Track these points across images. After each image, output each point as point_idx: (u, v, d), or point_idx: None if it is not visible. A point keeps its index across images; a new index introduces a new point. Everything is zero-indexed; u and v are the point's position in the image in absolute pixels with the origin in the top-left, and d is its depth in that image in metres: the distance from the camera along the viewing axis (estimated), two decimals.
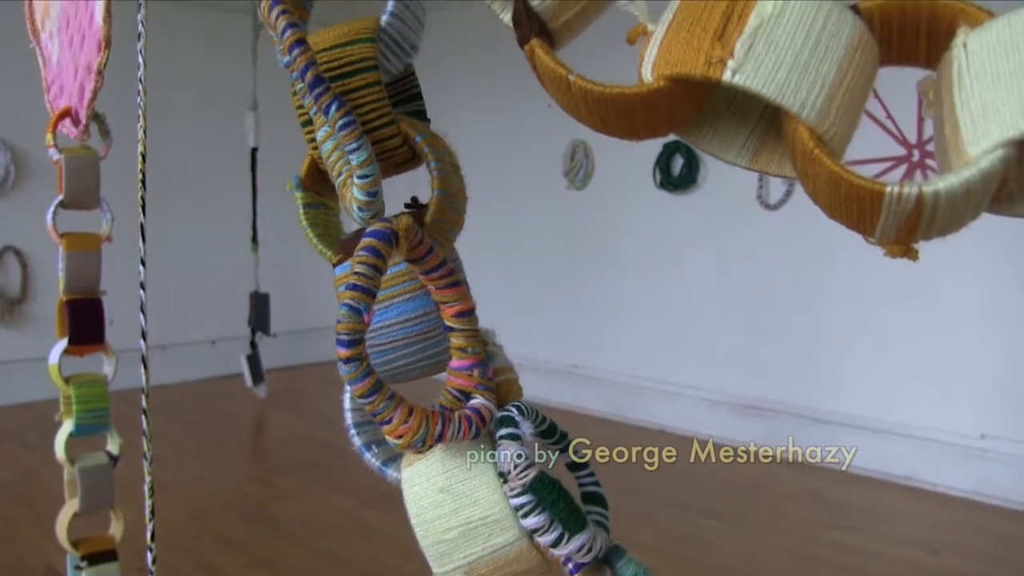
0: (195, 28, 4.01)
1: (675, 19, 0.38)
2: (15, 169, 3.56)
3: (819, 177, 0.37)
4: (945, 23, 0.40)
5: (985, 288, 2.50)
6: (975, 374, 2.55)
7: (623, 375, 3.46)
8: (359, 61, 0.49)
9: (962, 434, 2.59)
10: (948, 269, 2.51)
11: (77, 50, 0.97)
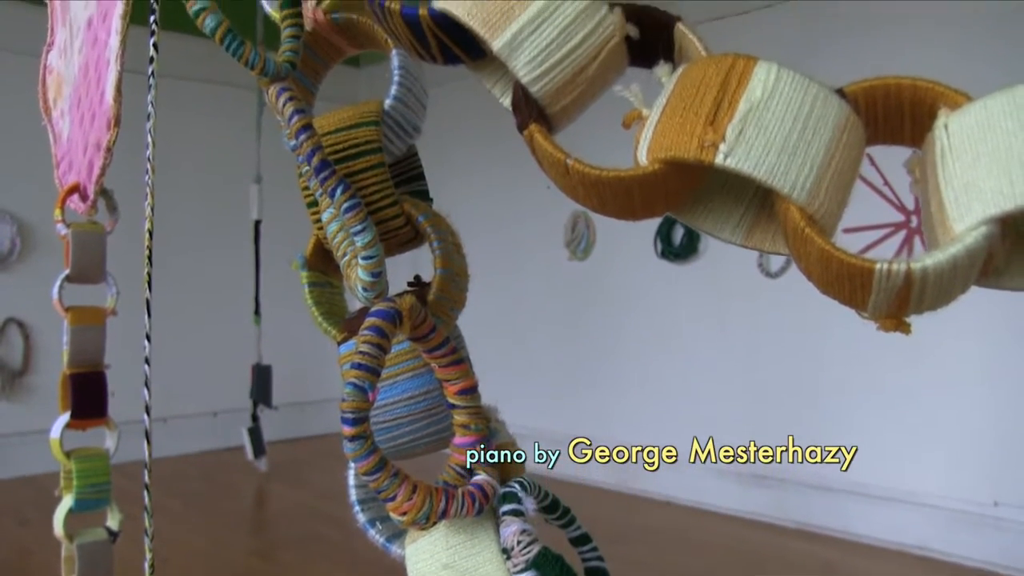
0: (200, 103, 4.07)
1: (668, 104, 0.40)
2: (21, 242, 3.58)
3: (811, 255, 0.38)
4: (927, 105, 0.41)
5: (992, 351, 2.50)
6: (985, 439, 2.53)
7: (630, 445, 3.44)
8: (363, 144, 0.50)
9: (974, 502, 2.56)
10: (952, 332, 2.52)
11: (87, 128, 0.99)
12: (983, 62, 2.44)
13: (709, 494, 3.18)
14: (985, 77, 2.38)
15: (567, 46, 0.41)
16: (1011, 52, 2.42)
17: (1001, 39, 2.43)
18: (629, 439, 3.44)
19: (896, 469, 2.73)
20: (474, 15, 0.41)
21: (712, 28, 3.05)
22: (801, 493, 2.93)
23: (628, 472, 3.43)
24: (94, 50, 1.00)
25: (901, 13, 2.63)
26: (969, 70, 2.42)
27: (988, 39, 2.45)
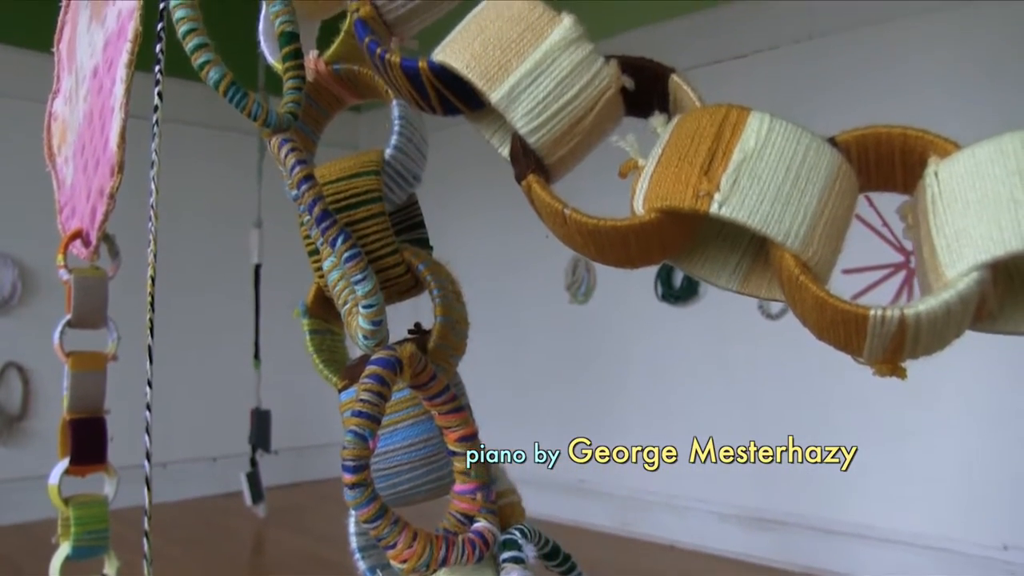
0: (201, 147, 4.09)
1: (664, 154, 0.40)
2: (22, 285, 3.59)
3: (806, 302, 0.39)
4: (917, 153, 0.42)
5: (999, 392, 2.50)
6: (994, 481, 2.52)
7: (630, 489, 3.42)
8: (364, 193, 0.51)
9: (982, 544, 2.54)
10: (958, 372, 2.51)
11: (91, 174, 1.00)
12: (976, 106, 2.47)
13: (712, 538, 3.16)
14: (978, 120, 2.40)
15: (564, 98, 0.42)
16: (1003, 96, 2.44)
17: (993, 83, 2.46)
18: (631, 484, 3.43)
19: (902, 511, 2.71)
20: (472, 67, 0.42)
21: (709, 72, 3.08)
22: (806, 536, 2.90)
23: (630, 516, 3.41)
24: (99, 98, 1.01)
25: (895, 57, 2.66)
26: (962, 113, 2.44)
27: (980, 83, 2.48)
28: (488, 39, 0.43)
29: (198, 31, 0.49)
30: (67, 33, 1.11)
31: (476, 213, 3.97)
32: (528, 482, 0.51)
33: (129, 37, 0.90)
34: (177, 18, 0.49)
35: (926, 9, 2.60)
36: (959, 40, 2.53)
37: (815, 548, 2.87)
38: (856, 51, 2.75)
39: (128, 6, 0.91)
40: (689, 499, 3.25)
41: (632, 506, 3.41)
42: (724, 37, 3.10)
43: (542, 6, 0.44)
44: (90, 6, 1.02)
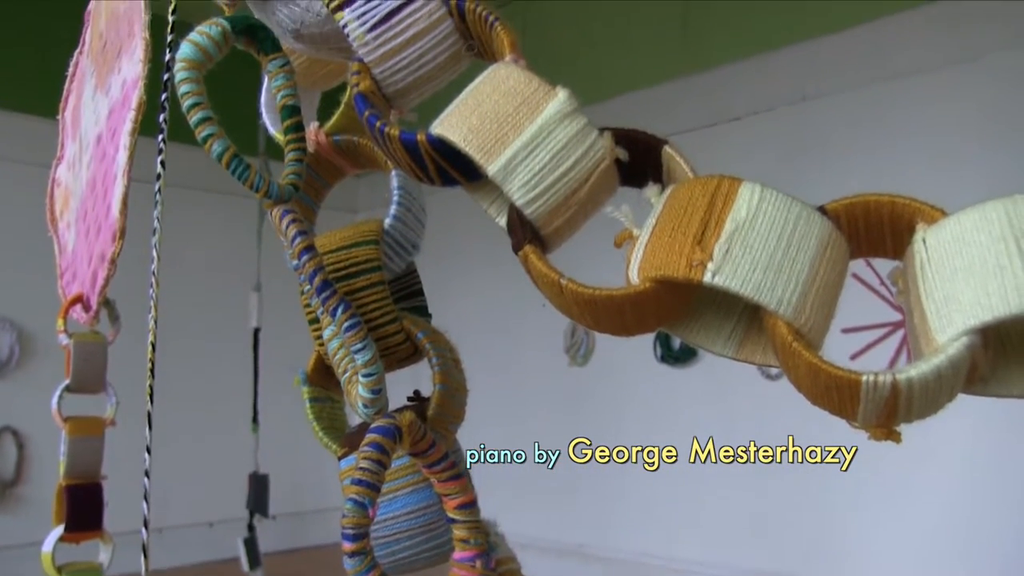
0: (200, 210, 4.11)
1: (658, 224, 0.41)
2: (20, 349, 3.58)
3: (799, 368, 0.39)
4: (905, 220, 0.43)
5: (1006, 449, 2.48)
6: (1001, 538, 2.49)
7: (632, 553, 3.38)
8: (364, 263, 0.52)
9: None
10: (963, 432, 2.50)
11: (93, 239, 1.01)
12: (967, 164, 2.49)
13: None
14: (970, 178, 2.43)
15: (559, 170, 0.43)
16: (994, 154, 2.47)
17: (984, 142, 2.49)
18: (632, 546, 3.39)
19: (909, 573, 2.68)
20: (470, 141, 0.43)
21: (705, 134, 3.12)
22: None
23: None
24: (102, 165, 1.03)
25: (888, 118, 2.69)
26: (954, 171, 2.47)
27: (971, 142, 2.51)
28: (485, 113, 0.44)
29: (202, 105, 0.50)
30: (72, 101, 1.13)
31: (475, 279, 3.98)
32: (528, 547, 0.51)
33: (133, 106, 0.92)
34: (182, 92, 0.51)
35: (917, 70, 2.64)
36: (950, 101, 2.57)
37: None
38: (850, 112, 2.79)
39: (133, 76, 0.93)
40: (689, 562, 3.21)
41: (632, 570, 3.37)
42: (719, 99, 3.15)
43: (537, 80, 0.45)
44: (95, 75, 1.04)
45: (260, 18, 0.56)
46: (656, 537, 3.32)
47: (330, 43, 0.53)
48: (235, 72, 0.80)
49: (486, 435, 3.62)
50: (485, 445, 3.68)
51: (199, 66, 0.51)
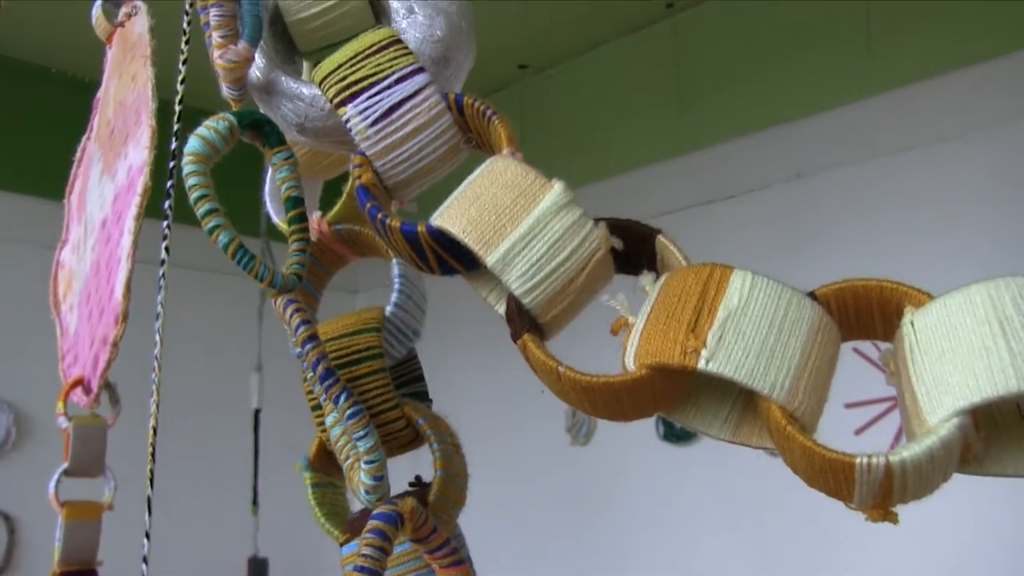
0: (201, 290, 4.11)
1: (652, 312, 0.42)
2: (16, 431, 3.54)
3: (794, 452, 0.40)
4: (894, 304, 0.44)
5: (1016, 528, 2.45)
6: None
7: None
8: (365, 350, 0.53)
9: None
10: (973, 509, 2.47)
11: (95, 322, 1.02)
12: (960, 240, 2.52)
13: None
14: (965, 253, 2.45)
15: (556, 260, 0.44)
16: (989, 229, 2.50)
17: (978, 217, 2.52)
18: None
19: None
20: (469, 232, 0.45)
21: (701, 212, 3.15)
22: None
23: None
24: (107, 248, 1.04)
25: (883, 194, 2.73)
26: (948, 246, 2.49)
27: (965, 217, 2.54)
28: (483, 205, 0.45)
29: (209, 197, 0.52)
30: (78, 185, 1.15)
31: (475, 362, 3.97)
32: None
33: (138, 191, 0.93)
34: (190, 185, 0.52)
35: (909, 147, 2.68)
36: (943, 177, 2.61)
37: None
38: (845, 188, 2.82)
39: (139, 162, 0.95)
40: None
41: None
42: (714, 178, 3.19)
43: (534, 173, 0.46)
44: (102, 160, 1.06)
45: (265, 112, 0.58)
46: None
47: (333, 136, 0.55)
48: (237, 152, 0.82)
49: (487, 519, 3.58)
50: (486, 530, 3.64)
51: (207, 159, 0.53)
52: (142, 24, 0.81)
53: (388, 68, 0.52)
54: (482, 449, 0.87)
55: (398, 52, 0.52)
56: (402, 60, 0.52)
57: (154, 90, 0.77)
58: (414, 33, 0.54)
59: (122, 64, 0.90)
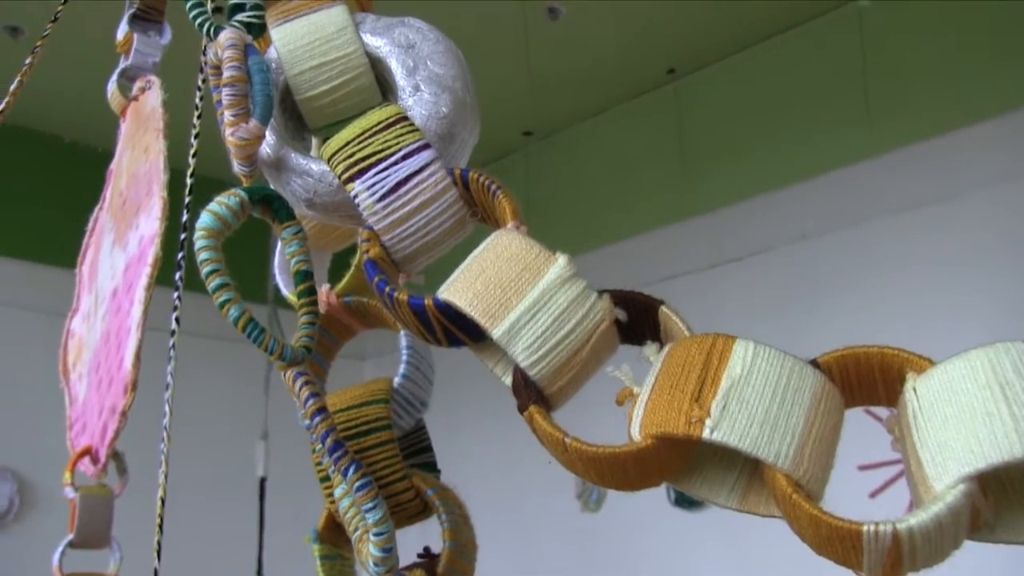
0: (207, 357, 4.10)
1: (657, 382, 0.43)
2: (20, 501, 3.51)
3: (801, 520, 0.40)
4: (895, 370, 0.45)
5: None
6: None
7: None
8: (373, 421, 0.54)
9: None
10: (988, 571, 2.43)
11: (104, 392, 1.03)
12: (967, 297, 2.52)
13: None
14: (970, 312, 2.45)
15: (561, 332, 0.45)
16: (993, 287, 2.50)
17: (982, 274, 2.52)
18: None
19: None
20: (475, 305, 0.46)
21: (707, 276, 3.16)
22: None
23: None
24: (117, 318, 1.05)
25: (888, 253, 2.74)
26: (954, 305, 2.49)
27: (970, 274, 2.55)
28: (489, 278, 0.46)
29: (220, 272, 0.53)
30: (90, 255, 1.16)
31: (483, 430, 3.95)
32: None
33: (149, 262, 0.95)
34: (201, 259, 0.53)
35: (910, 207, 2.70)
36: (945, 236, 2.62)
37: None
38: (850, 248, 2.84)
39: (150, 233, 0.96)
40: None
41: None
42: (719, 241, 3.21)
43: (538, 247, 0.48)
44: (114, 231, 1.08)
45: (275, 187, 0.59)
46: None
47: (341, 211, 0.56)
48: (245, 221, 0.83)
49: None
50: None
51: (218, 234, 0.54)
52: (155, 98, 0.83)
53: (395, 145, 0.53)
54: (492, 519, 0.87)
55: (404, 129, 0.54)
56: (408, 137, 0.53)
57: (166, 162, 0.78)
58: (420, 110, 0.55)
59: (135, 136, 0.92)
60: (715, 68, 3.39)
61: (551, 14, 3.15)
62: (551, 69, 3.39)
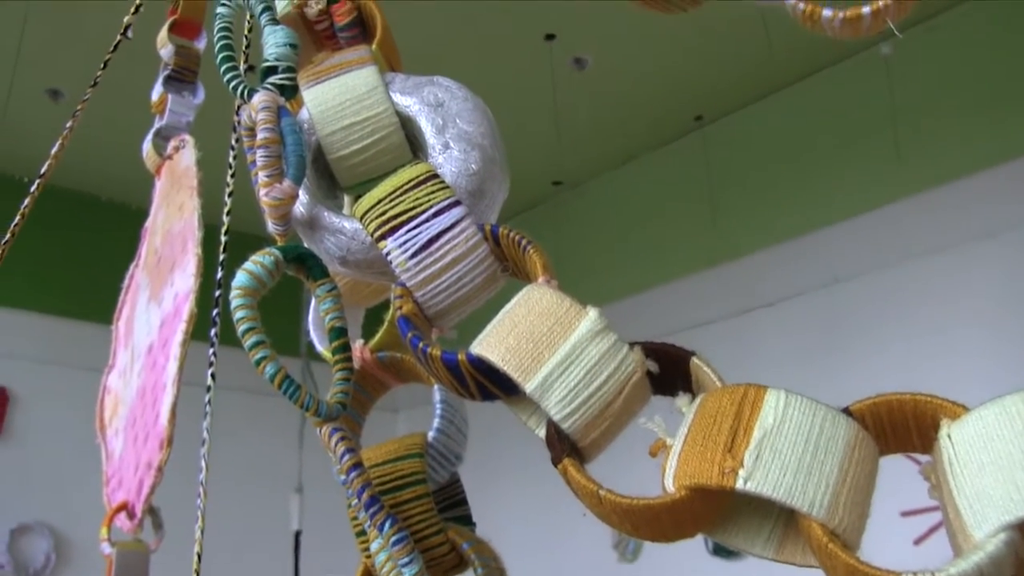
0: (242, 411, 4.11)
1: (689, 433, 0.43)
2: (56, 557, 3.51)
3: (838, 569, 0.40)
4: (929, 417, 0.44)
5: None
6: None
7: None
8: (409, 475, 0.54)
9: None
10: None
11: (140, 447, 1.04)
12: (1000, 340, 2.49)
13: None
14: (1005, 354, 2.41)
15: (593, 385, 0.45)
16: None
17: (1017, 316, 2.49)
18: None
19: None
20: (508, 360, 0.46)
21: (740, 322, 3.14)
22: None
23: None
24: (152, 374, 1.06)
25: (920, 295, 2.71)
26: (986, 345, 2.46)
27: (1002, 317, 2.52)
28: (521, 333, 0.47)
29: (256, 330, 0.54)
30: (126, 312, 1.18)
31: (517, 483, 3.92)
32: None
33: (184, 318, 0.96)
34: (237, 318, 0.54)
35: (943, 248, 2.68)
36: (978, 276, 2.60)
37: None
38: (883, 290, 2.81)
39: (185, 289, 0.98)
40: None
41: None
42: (751, 287, 3.19)
43: (569, 301, 0.48)
44: (149, 287, 1.09)
45: (309, 245, 0.61)
46: None
47: (374, 268, 0.57)
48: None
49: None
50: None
51: (253, 293, 0.55)
52: (190, 157, 0.85)
53: (426, 202, 0.54)
54: (529, 571, 0.87)
55: (435, 186, 0.55)
56: (439, 194, 0.54)
57: (200, 220, 0.79)
58: (450, 167, 0.56)
59: (170, 195, 0.93)
60: (742, 113, 3.40)
61: (577, 64, 3.19)
62: (579, 119, 3.42)
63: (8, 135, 3.35)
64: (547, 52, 3.08)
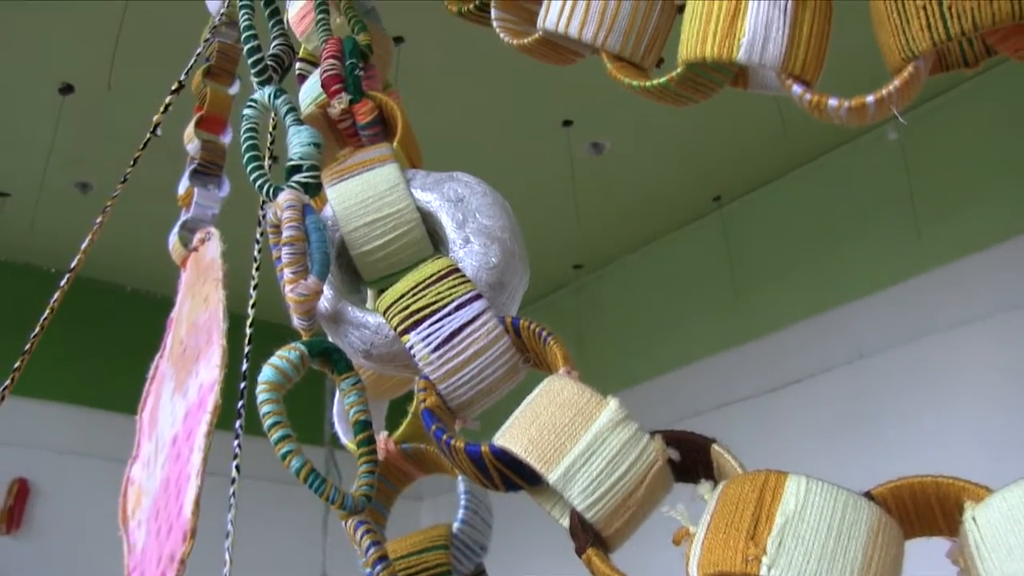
0: (266, 499, 4.09)
1: (712, 521, 0.43)
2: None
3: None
4: (952, 499, 0.44)
5: None
6: None
7: None
8: (434, 567, 0.54)
9: None
10: None
11: (163, 539, 1.03)
12: None
13: None
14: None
15: (615, 474, 0.46)
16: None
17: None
18: None
19: None
20: (530, 451, 0.47)
21: (767, 400, 3.12)
22: None
23: None
24: (176, 465, 1.07)
25: (945, 368, 2.69)
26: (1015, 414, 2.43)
27: None
28: (543, 424, 0.48)
29: (282, 424, 0.54)
30: (151, 403, 1.19)
31: (541, 572, 3.86)
32: None
33: (209, 409, 0.97)
34: (264, 412, 0.55)
35: (966, 320, 2.67)
36: (1002, 348, 2.58)
37: None
38: (907, 365, 2.80)
39: (209, 380, 0.99)
40: None
41: None
42: (776, 364, 3.18)
43: (589, 392, 0.49)
44: (174, 379, 1.11)
45: (333, 340, 0.62)
46: None
47: (397, 362, 0.58)
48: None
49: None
50: None
51: (279, 387, 0.56)
52: (215, 249, 0.87)
53: (448, 296, 0.55)
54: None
55: (456, 281, 0.56)
56: (460, 288, 0.56)
57: (225, 311, 0.81)
58: (471, 261, 0.58)
59: (195, 286, 0.95)
60: (761, 193, 3.43)
61: (595, 149, 3.24)
62: (598, 202, 3.46)
63: (37, 227, 3.42)
64: (565, 138, 3.13)
